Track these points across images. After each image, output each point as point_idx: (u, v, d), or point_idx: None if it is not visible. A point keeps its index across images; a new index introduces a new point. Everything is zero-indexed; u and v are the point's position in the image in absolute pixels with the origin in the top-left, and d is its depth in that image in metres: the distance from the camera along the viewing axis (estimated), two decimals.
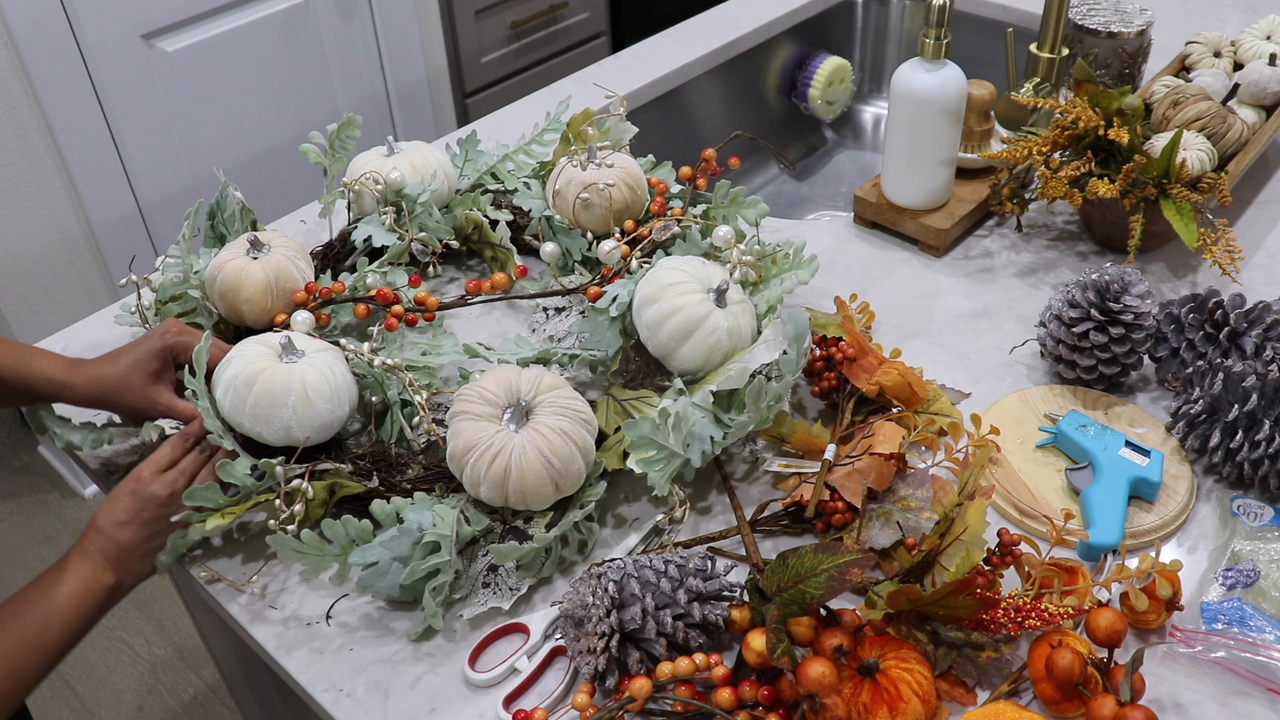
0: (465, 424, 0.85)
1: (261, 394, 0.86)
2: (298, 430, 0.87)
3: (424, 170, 1.14)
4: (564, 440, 0.84)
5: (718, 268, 0.98)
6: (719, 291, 0.93)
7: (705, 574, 0.78)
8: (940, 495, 0.84)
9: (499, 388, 0.86)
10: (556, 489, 0.85)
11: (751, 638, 0.73)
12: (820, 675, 0.68)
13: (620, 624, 0.74)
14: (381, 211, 1.10)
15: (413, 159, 1.15)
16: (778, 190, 1.73)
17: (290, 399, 0.87)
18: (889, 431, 0.89)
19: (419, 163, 1.15)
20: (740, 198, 1.11)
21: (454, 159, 1.25)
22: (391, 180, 1.10)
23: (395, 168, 1.12)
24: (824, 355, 0.98)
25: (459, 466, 0.85)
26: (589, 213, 1.11)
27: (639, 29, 2.09)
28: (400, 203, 1.11)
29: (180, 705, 1.88)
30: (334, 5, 2.09)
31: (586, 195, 1.10)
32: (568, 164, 1.13)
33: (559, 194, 1.12)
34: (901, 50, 1.81)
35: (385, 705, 0.78)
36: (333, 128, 1.14)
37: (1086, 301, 0.96)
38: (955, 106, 1.14)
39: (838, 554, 0.73)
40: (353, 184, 1.12)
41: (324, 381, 0.88)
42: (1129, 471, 0.88)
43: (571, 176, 1.11)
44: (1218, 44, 1.32)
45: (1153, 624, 0.79)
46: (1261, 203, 1.26)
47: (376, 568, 0.81)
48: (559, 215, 1.13)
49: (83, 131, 1.85)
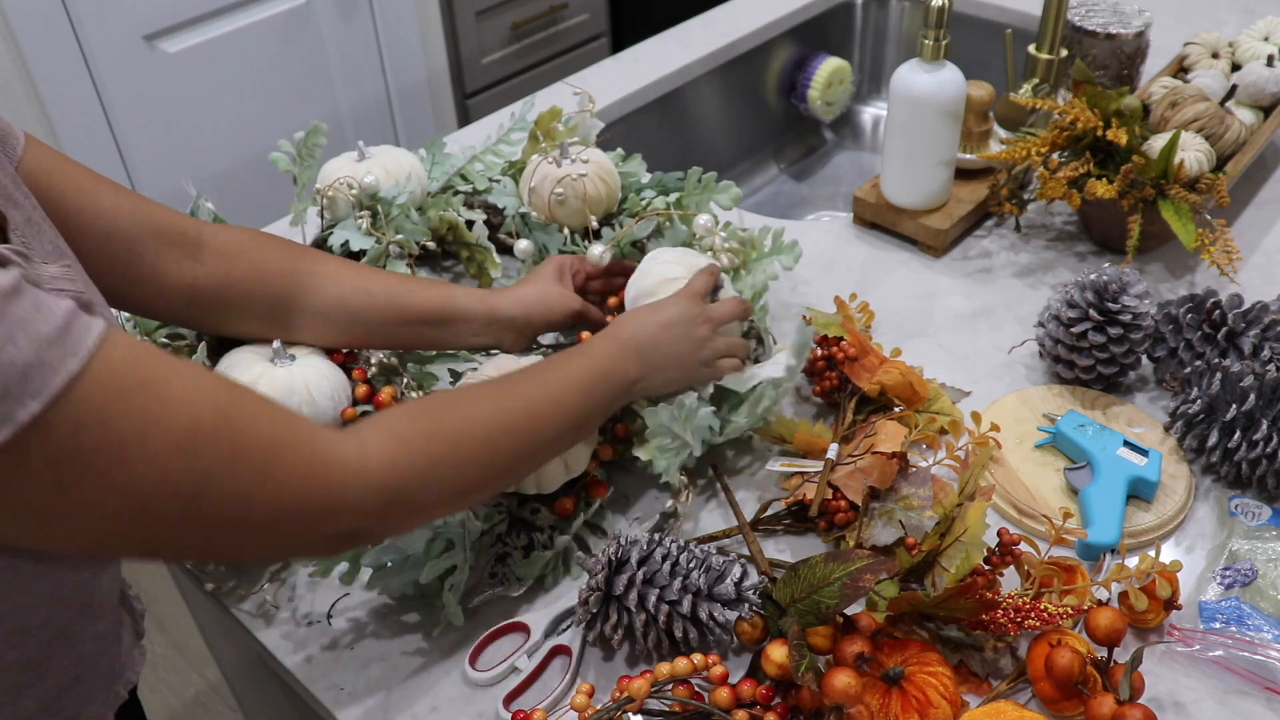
0: None
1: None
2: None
3: (397, 173, 1.14)
4: None
5: (705, 258, 0.99)
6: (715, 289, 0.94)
7: (715, 573, 0.78)
8: (940, 496, 0.85)
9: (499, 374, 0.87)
10: (566, 468, 0.86)
11: (771, 649, 0.73)
12: (846, 686, 0.68)
13: (608, 583, 0.77)
14: (357, 216, 1.09)
15: (385, 163, 1.15)
16: (777, 191, 1.73)
17: (294, 399, 0.87)
18: (891, 430, 0.89)
19: (392, 166, 1.15)
20: (712, 184, 1.11)
21: (422, 162, 1.24)
22: (366, 184, 1.10)
23: (369, 172, 1.12)
24: (825, 355, 0.98)
25: None
26: (564, 208, 1.12)
27: (639, 30, 2.09)
28: (376, 206, 1.10)
29: (182, 704, 1.89)
30: (335, 6, 2.09)
31: (561, 191, 1.11)
32: (541, 161, 1.13)
33: (534, 190, 1.13)
34: (901, 51, 1.81)
35: (386, 704, 0.78)
36: (300, 135, 1.13)
37: (1085, 302, 0.96)
38: (954, 107, 1.14)
39: (849, 561, 0.73)
40: (326, 190, 1.11)
41: (323, 379, 0.88)
42: (1127, 471, 0.89)
43: (546, 173, 1.12)
44: (1216, 45, 1.32)
45: (1151, 623, 0.80)
46: (1259, 203, 1.26)
47: (389, 568, 0.81)
48: (535, 211, 1.14)
49: (85, 132, 1.85)
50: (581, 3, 2.54)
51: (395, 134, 2.32)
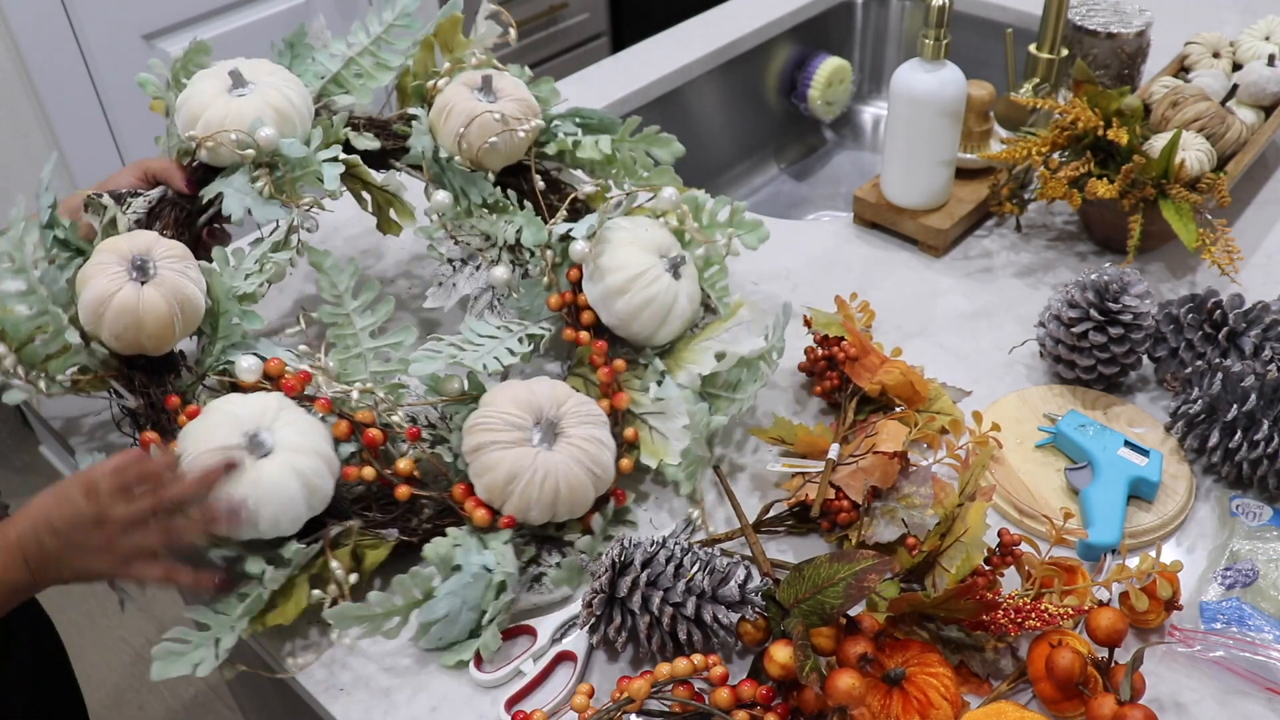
0: (499, 454, 0.82)
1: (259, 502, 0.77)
2: (309, 513, 0.80)
3: (290, 114, 0.93)
4: (599, 447, 0.85)
5: (663, 232, 0.96)
6: (674, 265, 0.94)
7: (719, 574, 0.78)
8: (941, 496, 0.85)
9: (518, 408, 0.84)
10: (597, 492, 0.86)
11: (775, 650, 0.73)
12: (849, 687, 0.68)
13: (611, 585, 0.76)
14: (253, 176, 0.90)
15: (271, 99, 0.93)
16: (777, 190, 1.73)
17: (288, 493, 0.78)
18: (892, 430, 0.89)
19: (280, 103, 0.93)
20: (651, 136, 1.03)
21: (279, 60, 1.02)
22: (265, 139, 0.90)
23: (258, 116, 0.91)
24: (826, 355, 0.98)
25: (502, 496, 0.82)
26: (494, 153, 0.98)
27: (639, 29, 2.09)
28: (274, 162, 0.90)
29: (181, 705, 1.89)
30: (334, 6, 2.09)
31: (496, 140, 0.96)
32: (463, 96, 0.97)
33: (464, 136, 0.96)
34: (901, 51, 1.81)
35: (386, 704, 0.78)
36: (177, 55, 0.94)
37: (1085, 302, 0.96)
38: (955, 107, 1.14)
39: (854, 561, 0.73)
40: (205, 139, 0.90)
41: (314, 457, 0.79)
42: (1128, 471, 0.88)
43: (471, 112, 0.96)
44: (1216, 44, 1.32)
45: (1152, 624, 0.79)
46: (1260, 203, 1.26)
47: (446, 619, 0.79)
48: (459, 157, 0.97)
49: (84, 132, 1.85)
50: (581, 3, 2.54)
51: None
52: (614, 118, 1.05)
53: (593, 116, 1.05)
